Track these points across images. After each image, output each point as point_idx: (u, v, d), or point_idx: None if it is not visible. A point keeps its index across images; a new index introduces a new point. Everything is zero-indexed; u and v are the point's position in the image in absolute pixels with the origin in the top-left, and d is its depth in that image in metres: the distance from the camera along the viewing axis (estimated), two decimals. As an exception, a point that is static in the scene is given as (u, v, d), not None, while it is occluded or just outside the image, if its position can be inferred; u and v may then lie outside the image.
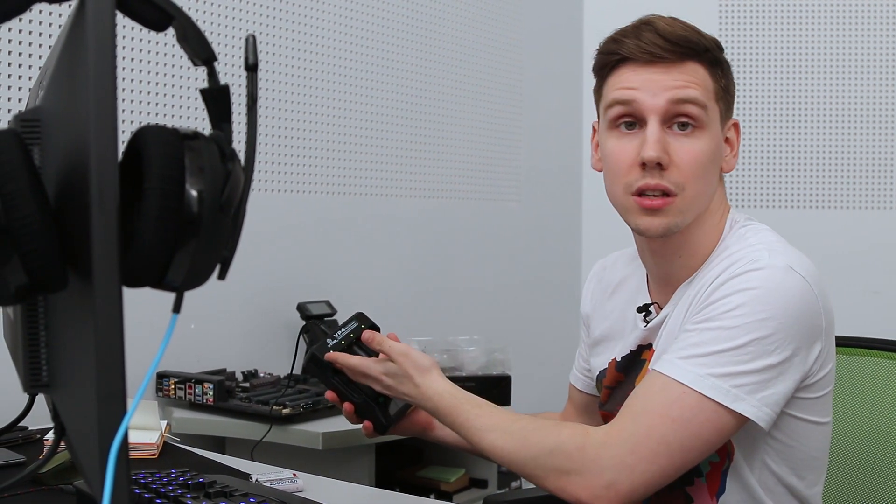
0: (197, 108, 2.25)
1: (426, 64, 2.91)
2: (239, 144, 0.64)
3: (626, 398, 1.17)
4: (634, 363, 1.32)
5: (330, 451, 1.92)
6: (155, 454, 1.49)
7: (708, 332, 1.12)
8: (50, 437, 1.56)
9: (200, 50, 0.66)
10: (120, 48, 2.08)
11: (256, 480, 1.32)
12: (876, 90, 3.32)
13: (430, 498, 2.25)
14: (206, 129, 0.67)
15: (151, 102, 2.18)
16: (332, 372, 1.28)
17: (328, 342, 1.29)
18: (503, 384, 2.12)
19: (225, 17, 2.34)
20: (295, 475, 1.37)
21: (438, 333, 2.41)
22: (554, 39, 3.44)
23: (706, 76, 1.21)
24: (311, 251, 2.55)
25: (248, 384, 2.14)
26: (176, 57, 2.21)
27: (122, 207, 0.57)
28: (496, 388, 2.09)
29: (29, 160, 0.62)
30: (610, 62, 1.24)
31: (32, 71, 1.94)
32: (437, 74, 2.95)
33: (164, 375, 2.09)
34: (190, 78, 2.25)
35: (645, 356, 1.30)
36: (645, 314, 1.31)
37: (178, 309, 0.64)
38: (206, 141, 0.64)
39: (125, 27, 2.05)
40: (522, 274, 3.31)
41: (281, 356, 2.37)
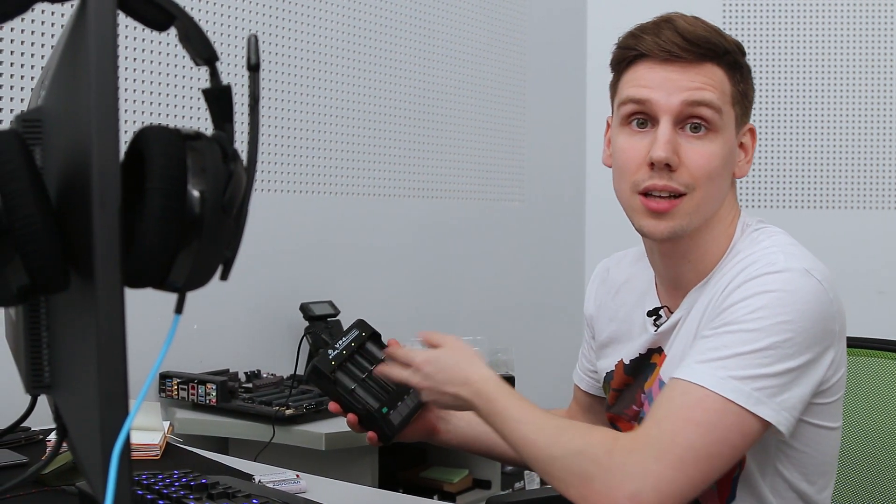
0: (199, 108, 2.25)
1: (429, 64, 2.91)
2: (241, 144, 0.64)
3: (633, 401, 1.15)
4: (643, 367, 1.30)
5: (333, 451, 1.92)
6: (157, 455, 1.49)
7: (728, 335, 1.09)
8: (52, 438, 1.56)
9: (202, 50, 0.66)
10: (122, 48, 2.08)
11: (259, 481, 1.32)
12: (883, 90, 3.31)
13: (433, 499, 2.25)
14: (208, 129, 0.67)
15: (153, 102, 2.18)
16: (335, 383, 1.28)
17: (329, 353, 1.29)
18: (506, 385, 2.11)
19: (227, 16, 2.34)
20: (298, 476, 1.37)
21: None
22: (557, 39, 3.43)
23: (724, 79, 1.19)
24: (313, 251, 2.55)
25: (251, 385, 2.14)
26: (178, 57, 2.21)
27: (123, 208, 0.57)
28: (499, 388, 2.08)
29: (30, 160, 0.62)
30: (627, 57, 1.21)
31: (34, 71, 1.94)
32: (439, 74, 2.95)
33: (166, 376, 2.09)
34: (192, 78, 2.24)
35: (655, 360, 1.28)
36: (655, 318, 1.30)
37: (180, 310, 0.64)
38: (208, 141, 0.64)
39: (127, 27, 2.05)
40: (526, 274, 3.30)
41: (284, 357, 2.36)
